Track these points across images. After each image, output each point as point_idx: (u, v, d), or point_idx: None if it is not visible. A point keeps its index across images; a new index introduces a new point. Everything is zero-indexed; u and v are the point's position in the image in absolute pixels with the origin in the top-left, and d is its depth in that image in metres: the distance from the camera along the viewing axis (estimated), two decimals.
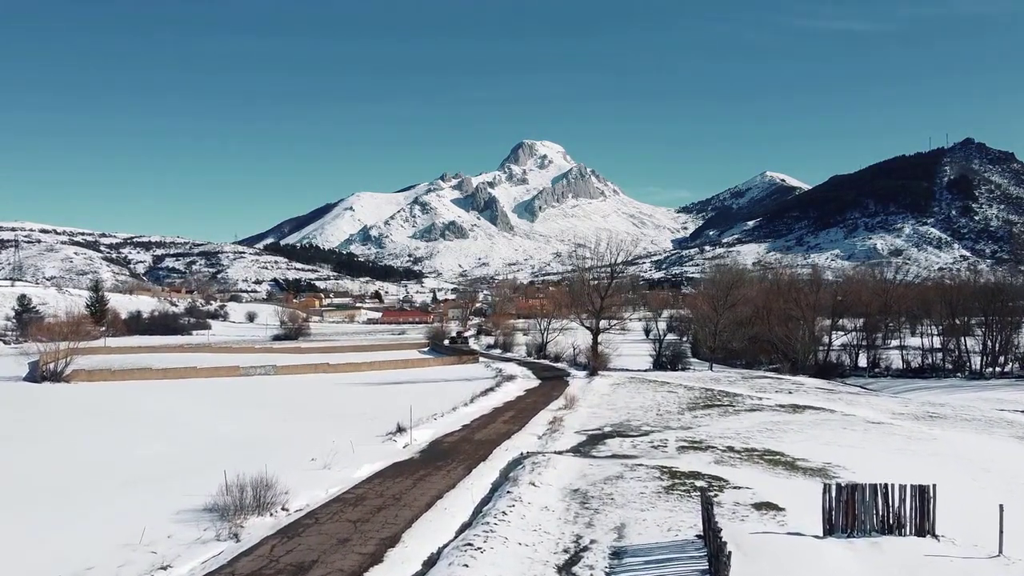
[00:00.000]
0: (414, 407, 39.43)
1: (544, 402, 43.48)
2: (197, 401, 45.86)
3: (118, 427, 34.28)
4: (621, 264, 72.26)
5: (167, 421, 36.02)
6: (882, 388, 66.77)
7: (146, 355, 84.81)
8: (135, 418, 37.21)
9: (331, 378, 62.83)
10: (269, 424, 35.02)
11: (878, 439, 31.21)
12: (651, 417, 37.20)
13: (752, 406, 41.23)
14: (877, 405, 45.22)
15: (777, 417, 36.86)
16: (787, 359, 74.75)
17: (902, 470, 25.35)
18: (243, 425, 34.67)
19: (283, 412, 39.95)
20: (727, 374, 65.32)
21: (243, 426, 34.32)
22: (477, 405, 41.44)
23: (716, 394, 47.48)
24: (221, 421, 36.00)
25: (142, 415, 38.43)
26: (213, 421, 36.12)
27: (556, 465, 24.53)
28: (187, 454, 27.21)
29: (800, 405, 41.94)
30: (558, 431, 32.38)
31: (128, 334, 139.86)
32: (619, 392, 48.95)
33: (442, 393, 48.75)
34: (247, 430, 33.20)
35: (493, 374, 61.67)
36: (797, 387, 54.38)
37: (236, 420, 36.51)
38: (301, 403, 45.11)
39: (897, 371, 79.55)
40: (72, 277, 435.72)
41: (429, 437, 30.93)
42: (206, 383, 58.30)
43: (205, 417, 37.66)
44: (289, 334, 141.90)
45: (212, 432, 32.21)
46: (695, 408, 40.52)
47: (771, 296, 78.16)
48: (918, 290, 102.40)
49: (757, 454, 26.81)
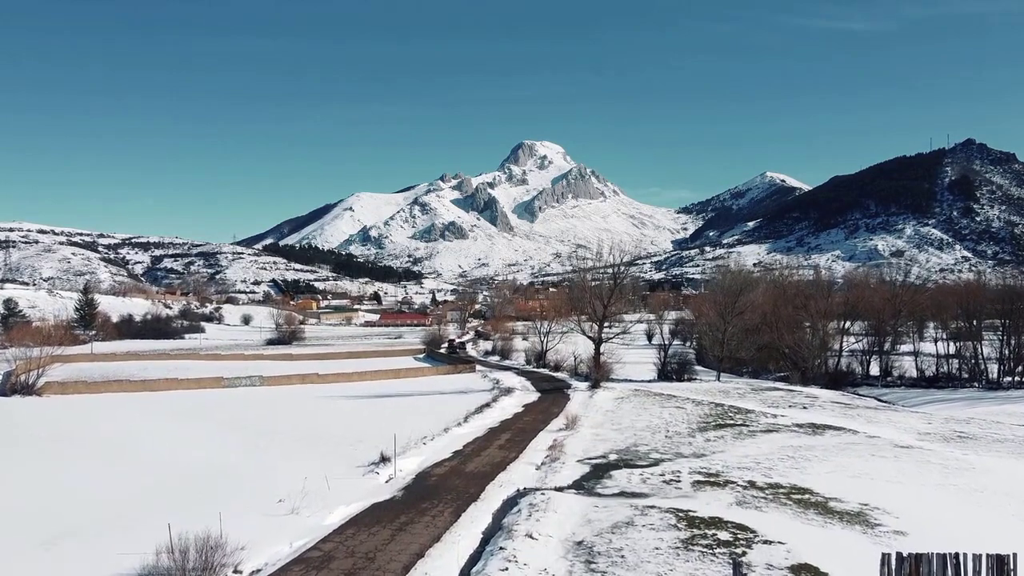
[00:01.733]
0: (404, 426, 36.50)
1: (543, 420, 40.51)
2: (170, 419, 42.79)
3: (69, 456, 31.05)
4: (623, 266, 69.10)
5: (127, 447, 32.89)
6: (897, 399, 63.89)
7: (130, 363, 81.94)
8: (93, 443, 34.09)
9: (319, 390, 59.82)
10: (241, 450, 31.98)
11: (912, 470, 28.21)
12: (660, 440, 34.23)
13: (768, 426, 38.27)
14: (900, 423, 42.24)
15: (797, 440, 33.89)
16: (796, 368, 71.81)
17: (948, 512, 22.50)
18: (212, 452, 31.63)
19: (260, 434, 36.91)
20: (735, 385, 62.36)
21: (211, 453, 31.28)
22: (471, 425, 38.47)
23: (727, 410, 44.52)
24: (189, 446, 32.93)
25: (102, 439, 35.32)
26: (180, 446, 33.04)
27: (557, 507, 21.53)
28: (137, 495, 24.06)
29: (819, 424, 38.99)
30: (558, 459, 29.38)
31: (119, 338, 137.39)
32: (624, 408, 45.99)
33: (435, 409, 45.86)
34: (215, 458, 30.18)
35: (490, 386, 58.74)
36: (812, 401, 51.41)
37: (206, 444, 33.46)
38: (282, 422, 42.04)
39: (911, 380, 76.67)
40: (70, 278, 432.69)
41: (416, 467, 27.95)
42: (186, 396, 55.26)
43: (172, 441, 34.60)
44: (283, 338, 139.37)
45: (174, 462, 29.13)
46: (706, 428, 37.55)
47: (779, 302, 75.08)
48: (930, 293, 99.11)
49: (783, 491, 23.80)
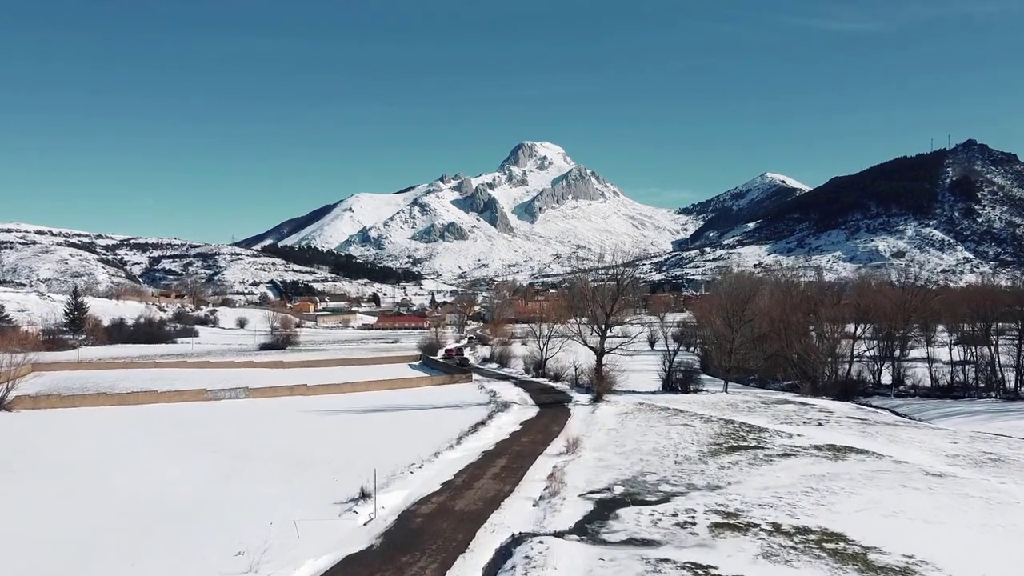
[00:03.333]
0: (391, 448, 33.75)
1: (543, 441, 37.63)
2: (142, 439, 39.93)
3: (16, 488, 28.06)
4: (623, 268, 66.10)
5: (87, 477, 29.97)
6: (913, 412, 61.00)
7: (115, 372, 79.02)
8: (50, 470, 31.20)
9: (307, 403, 56.92)
10: (209, 481, 29.08)
11: (952, 506, 25.35)
12: (669, 467, 31.36)
13: (784, 449, 35.40)
14: (924, 443, 39.34)
15: (819, 467, 31.02)
16: (806, 378, 68.96)
17: (1001, 563, 19.66)
18: (178, 481, 28.74)
19: (235, 457, 34.02)
20: (744, 396, 59.49)
21: (177, 483, 28.39)
22: (465, 447, 35.58)
23: (739, 429, 41.65)
24: (153, 475, 30.05)
25: (62, 465, 32.43)
26: (144, 475, 30.16)
27: (556, 561, 18.68)
28: (76, 542, 21.10)
29: (839, 447, 36.11)
30: (558, 493, 26.52)
31: (109, 342, 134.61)
32: (628, 425, 43.12)
33: (427, 427, 43.07)
34: (180, 489, 27.31)
35: (487, 399, 55.89)
36: (826, 417, 48.53)
37: (173, 472, 30.56)
38: (262, 442, 39.13)
39: (924, 389, 73.78)
40: (67, 279, 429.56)
41: (400, 504, 25.11)
42: (165, 411, 52.34)
43: (138, 468, 31.70)
44: (277, 343, 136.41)
45: (132, 497, 26.24)
46: (718, 452, 34.68)
47: (787, 308, 72.15)
48: (942, 296, 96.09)
49: (813, 539, 20.93)
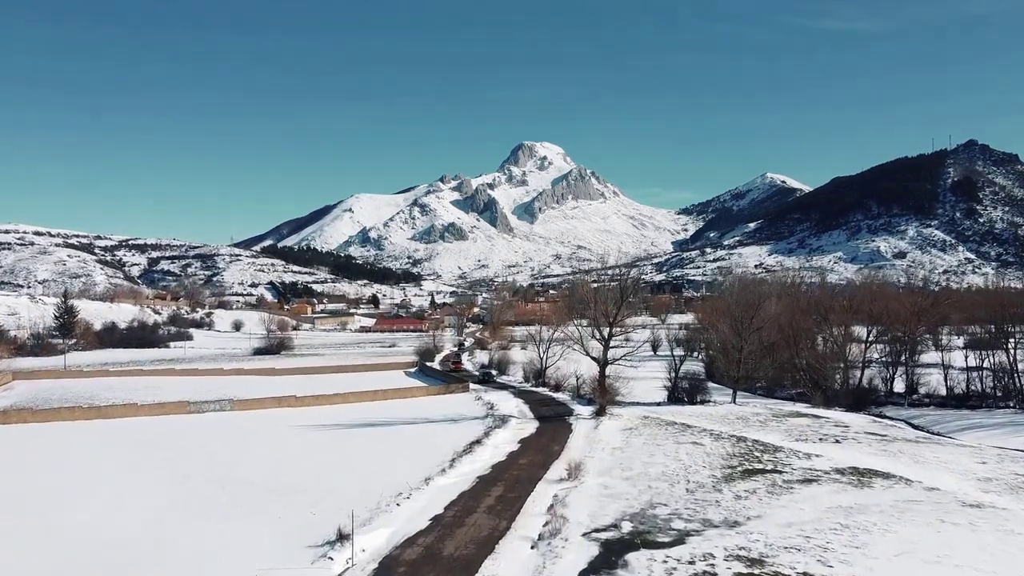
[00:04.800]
0: (379, 471, 31.05)
1: (543, 463, 34.93)
2: (110, 464, 37.08)
3: None
4: (627, 275, 63.43)
5: (41, 508, 27.21)
6: (931, 424, 58.29)
7: (99, 380, 76.33)
8: (3, 501, 28.43)
9: (295, 416, 54.12)
10: (176, 513, 26.34)
11: (999, 548, 22.63)
12: (680, 496, 28.66)
13: (804, 473, 32.67)
14: (951, 463, 36.63)
15: (844, 496, 28.30)
16: (816, 386, 66.26)
17: None
18: (140, 516, 26.01)
19: (208, 483, 31.25)
20: (754, 409, 56.75)
21: (138, 518, 25.66)
22: (458, 472, 32.88)
23: (752, 448, 38.94)
24: (115, 508, 27.31)
25: (19, 494, 29.66)
26: (105, 508, 27.40)
27: None
28: None
29: (862, 469, 33.38)
30: (559, 532, 23.84)
31: (100, 347, 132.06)
32: (633, 444, 40.41)
33: (419, 445, 40.44)
34: (140, 527, 24.59)
35: (483, 412, 53.17)
36: (843, 433, 45.80)
37: (137, 503, 27.82)
38: (240, 464, 36.34)
39: (939, 398, 71.05)
40: (65, 281, 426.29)
41: (382, 546, 22.45)
42: (144, 426, 49.54)
43: (100, 497, 28.95)
44: (271, 347, 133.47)
45: (83, 536, 23.50)
46: (733, 477, 31.96)
47: (797, 314, 69.35)
48: (955, 299, 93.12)
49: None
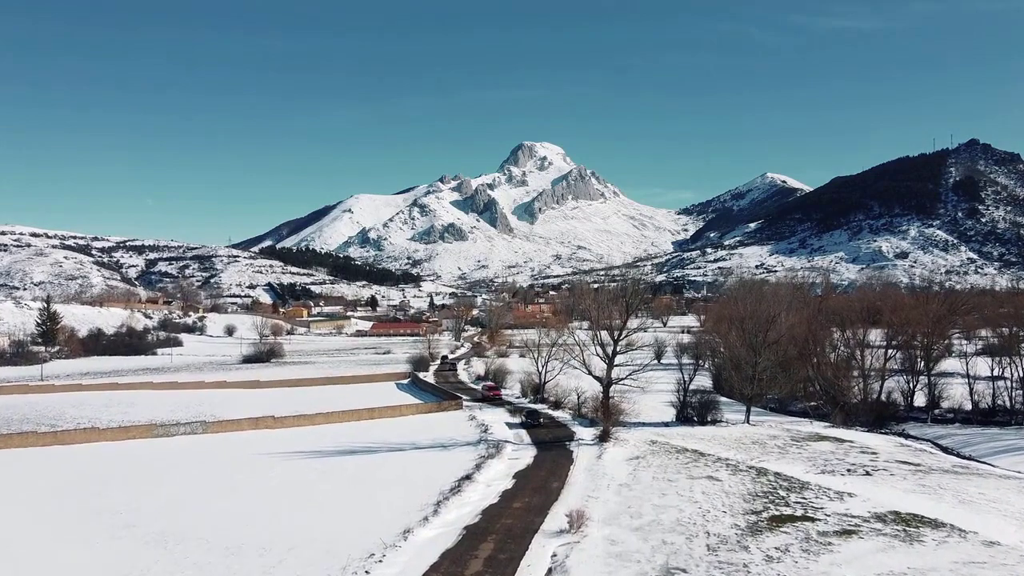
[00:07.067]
0: (353, 517, 26.90)
1: (540, 507, 30.69)
2: (42, 509, 32.69)
3: None
4: (631, 289, 59.41)
5: None
6: (959, 445, 54.15)
7: (69, 396, 72.05)
8: None
9: (271, 440, 49.81)
10: None
11: None
12: (700, 555, 24.44)
13: (840, 521, 28.39)
14: (1000, 504, 32.42)
15: (894, 558, 24.03)
16: (834, 402, 62.04)
17: None
18: None
19: (145, 545, 26.83)
20: (769, 430, 52.47)
21: None
22: (442, 520, 28.61)
23: (775, 484, 34.71)
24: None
25: None
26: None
27: None
28: None
29: (906, 515, 29.13)
30: None
31: (84, 354, 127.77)
32: (642, 479, 36.16)
33: (402, 480, 36.22)
34: None
35: (477, 436, 48.93)
36: (872, 461, 41.57)
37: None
38: (194, 510, 31.93)
39: (963, 414, 66.93)
40: (61, 282, 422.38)
41: None
42: (102, 453, 45.26)
43: (6, 567, 24.67)
44: (261, 355, 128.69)
45: None
46: (759, 527, 27.70)
47: (813, 325, 64.98)
48: (973, 303, 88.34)
49: None
